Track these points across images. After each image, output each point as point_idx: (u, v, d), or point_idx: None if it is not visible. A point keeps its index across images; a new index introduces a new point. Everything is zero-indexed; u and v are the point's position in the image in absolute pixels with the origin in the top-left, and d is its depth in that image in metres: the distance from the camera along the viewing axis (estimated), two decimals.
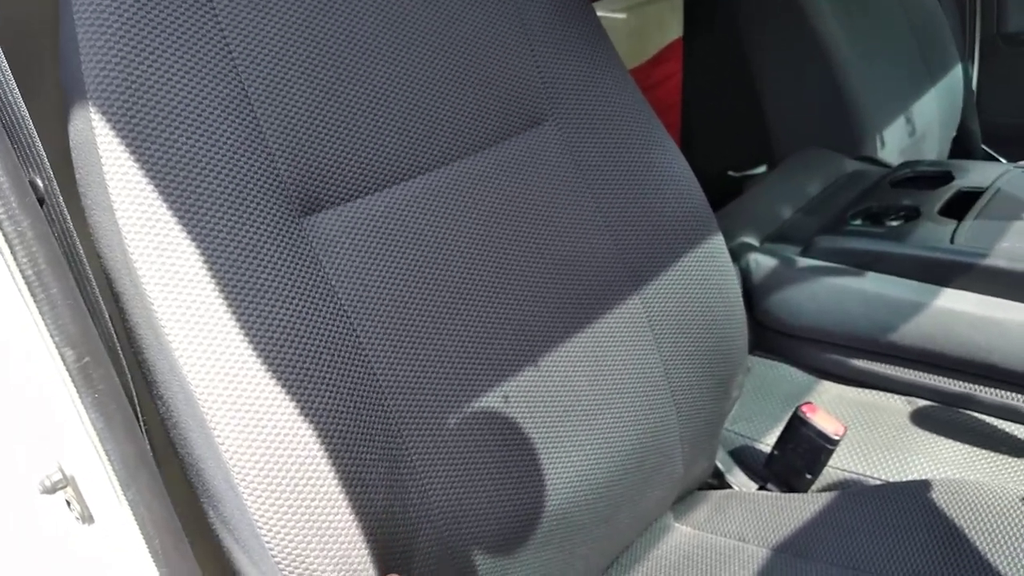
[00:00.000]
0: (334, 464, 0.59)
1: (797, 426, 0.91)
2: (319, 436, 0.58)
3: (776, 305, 1.13)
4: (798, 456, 0.91)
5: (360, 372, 0.63)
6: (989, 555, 0.75)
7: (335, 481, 0.59)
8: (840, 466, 0.96)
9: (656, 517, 0.93)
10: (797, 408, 0.91)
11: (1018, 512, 0.77)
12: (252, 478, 0.56)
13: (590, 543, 0.81)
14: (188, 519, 0.62)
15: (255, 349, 0.57)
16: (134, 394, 0.60)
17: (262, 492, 0.56)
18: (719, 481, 1.00)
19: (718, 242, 0.90)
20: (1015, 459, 0.93)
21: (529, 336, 0.74)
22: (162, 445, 0.64)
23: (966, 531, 0.77)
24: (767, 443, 1.01)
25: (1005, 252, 1.04)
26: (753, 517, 0.90)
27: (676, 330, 0.85)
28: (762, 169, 1.77)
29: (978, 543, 0.76)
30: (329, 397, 0.60)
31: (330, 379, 0.60)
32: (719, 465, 0.99)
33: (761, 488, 0.97)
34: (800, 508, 0.88)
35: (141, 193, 0.56)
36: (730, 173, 1.81)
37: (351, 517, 0.59)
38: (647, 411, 0.83)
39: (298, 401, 0.58)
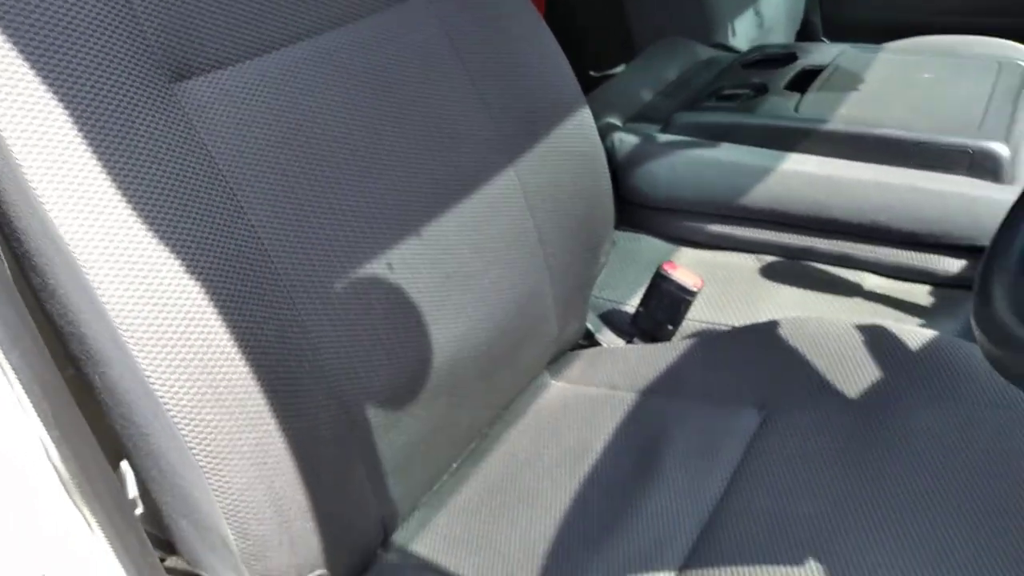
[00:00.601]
0: (225, 321, 0.60)
1: (659, 283, 0.98)
2: (207, 294, 0.59)
3: (639, 179, 1.19)
4: (661, 310, 0.99)
5: (244, 235, 0.63)
6: (828, 374, 0.85)
7: (227, 336, 0.60)
8: (698, 318, 1.05)
9: (534, 376, 0.99)
10: (659, 267, 0.98)
11: (850, 337, 0.87)
12: (141, 334, 0.57)
13: (474, 398, 0.86)
14: (75, 389, 0.63)
15: (133, 209, 0.57)
16: (5, 264, 0.59)
17: (152, 347, 0.57)
18: (590, 341, 1.07)
19: (586, 116, 0.94)
20: (848, 297, 1.05)
21: (410, 207, 0.76)
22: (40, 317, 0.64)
23: (808, 357, 0.87)
24: (632, 305, 1.09)
25: (842, 118, 1.14)
26: (622, 367, 0.97)
27: (548, 200, 0.90)
28: (621, 68, 1.83)
29: (819, 365, 0.86)
30: (214, 257, 0.61)
31: (213, 240, 0.61)
32: (590, 327, 1.07)
33: (628, 343, 1.05)
34: (663, 355, 0.96)
35: (5, 57, 0.54)
36: (591, 73, 1.86)
37: (245, 370, 0.61)
38: (523, 275, 0.88)
39: (182, 260, 0.59)
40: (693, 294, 0.97)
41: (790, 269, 1.13)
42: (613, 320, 1.09)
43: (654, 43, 1.61)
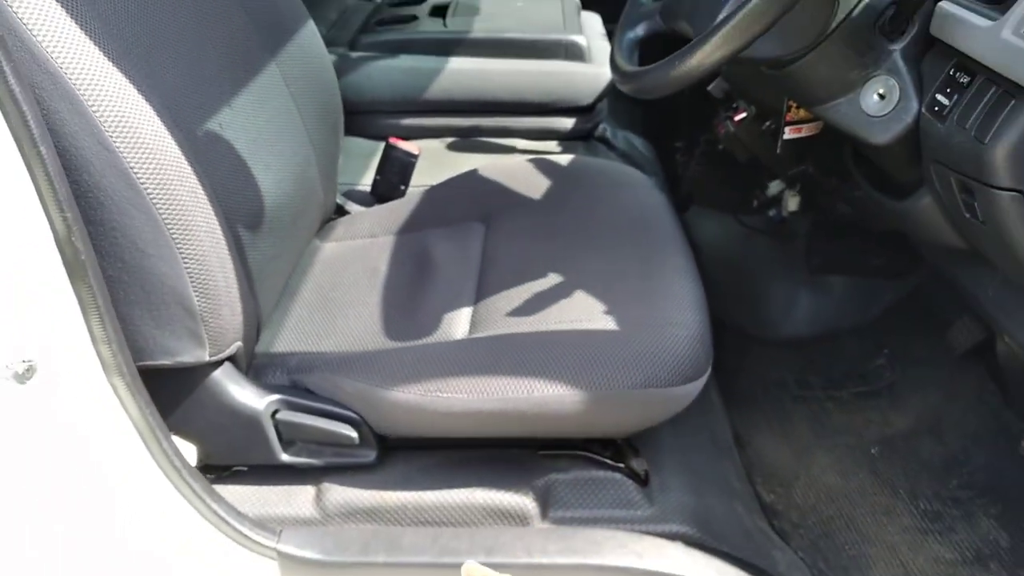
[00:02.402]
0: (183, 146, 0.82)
1: (389, 152, 1.32)
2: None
3: (344, 89, 1.51)
4: (394, 174, 1.33)
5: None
6: (522, 191, 1.26)
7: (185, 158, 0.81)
8: (416, 184, 1.41)
9: (307, 244, 1.26)
10: (386, 140, 1.32)
11: (528, 168, 1.29)
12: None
13: (287, 240, 1.11)
14: None
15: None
16: None
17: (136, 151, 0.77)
18: (340, 214, 1.37)
19: (313, 28, 1.23)
20: (509, 155, 1.50)
21: (224, 84, 1.00)
22: None
23: (506, 184, 1.27)
24: (366, 184, 1.41)
25: (480, 30, 1.59)
26: (375, 221, 1.29)
27: (304, 89, 1.18)
28: None
29: (513, 187, 1.27)
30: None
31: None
32: (339, 202, 1.37)
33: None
34: (404, 206, 1.30)
35: None
36: None
37: (191, 173, 0.82)
38: (298, 148, 1.16)
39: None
40: (416, 157, 1.32)
41: (466, 145, 1.54)
42: (354, 197, 1.40)
43: None
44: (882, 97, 0.89)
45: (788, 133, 1.17)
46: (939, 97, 0.83)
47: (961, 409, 1.42)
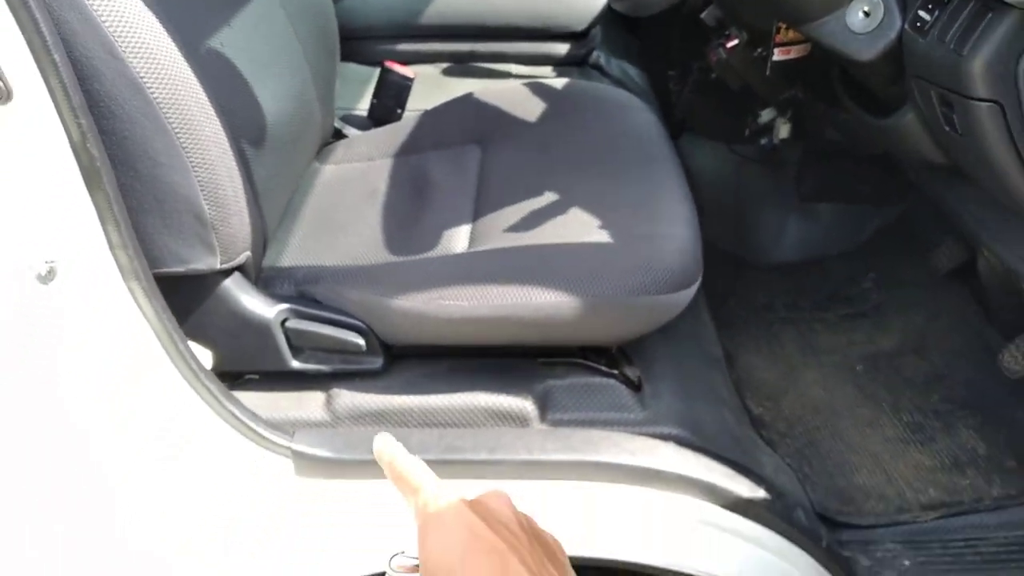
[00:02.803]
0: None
1: (385, 76, 1.34)
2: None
3: (339, 14, 1.51)
4: (390, 97, 1.35)
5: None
6: (516, 113, 1.28)
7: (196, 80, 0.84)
8: (412, 107, 1.42)
9: (308, 165, 1.29)
10: (382, 64, 1.34)
11: (523, 91, 1.31)
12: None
13: (289, 157, 1.14)
14: None
15: None
16: None
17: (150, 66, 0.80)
18: (338, 137, 1.39)
19: None
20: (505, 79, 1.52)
21: (211, 5, 1.02)
22: None
23: (501, 106, 1.30)
24: (363, 109, 1.43)
25: None
26: (373, 144, 1.32)
27: (300, 12, 1.19)
28: None
29: (509, 110, 1.29)
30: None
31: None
32: (337, 126, 1.39)
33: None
34: (401, 129, 1.32)
35: None
36: None
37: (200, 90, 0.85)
38: (295, 70, 1.18)
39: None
40: (411, 80, 1.34)
41: (463, 70, 1.56)
42: (351, 121, 1.42)
43: None
44: (867, 14, 0.92)
45: (777, 55, 1.19)
46: (921, 13, 0.85)
47: (944, 328, 1.47)
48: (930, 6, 0.85)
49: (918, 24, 0.87)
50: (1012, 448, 1.23)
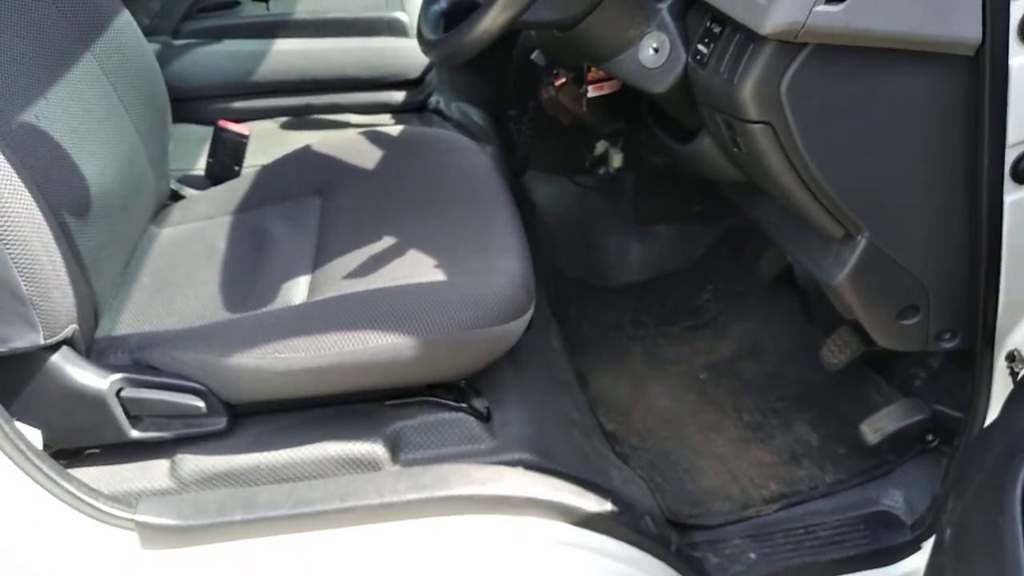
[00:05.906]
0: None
1: (220, 134, 1.34)
2: None
3: (168, 78, 1.50)
4: (227, 155, 1.36)
5: None
6: (356, 163, 1.31)
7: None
8: (251, 163, 1.43)
9: (143, 230, 1.27)
10: (216, 123, 1.34)
11: (360, 140, 1.34)
12: None
13: (123, 225, 1.13)
14: None
15: None
16: None
17: None
18: (176, 198, 1.38)
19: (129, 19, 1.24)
20: (342, 130, 1.55)
21: (23, 81, 1.01)
22: None
23: (339, 157, 1.32)
24: (199, 169, 1.42)
25: (302, 11, 1.61)
26: (211, 203, 1.31)
27: (124, 78, 1.19)
28: None
29: (348, 160, 1.32)
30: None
31: None
32: (173, 188, 1.38)
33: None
34: (239, 185, 1.32)
35: None
36: None
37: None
38: (123, 136, 1.17)
39: None
40: (246, 136, 1.35)
41: (301, 123, 1.58)
42: (188, 183, 1.41)
43: None
44: (656, 51, 1.00)
45: (592, 91, 1.28)
46: (700, 47, 0.94)
47: (775, 331, 1.59)
48: (706, 40, 0.95)
49: (698, 57, 0.96)
50: (841, 437, 1.34)
